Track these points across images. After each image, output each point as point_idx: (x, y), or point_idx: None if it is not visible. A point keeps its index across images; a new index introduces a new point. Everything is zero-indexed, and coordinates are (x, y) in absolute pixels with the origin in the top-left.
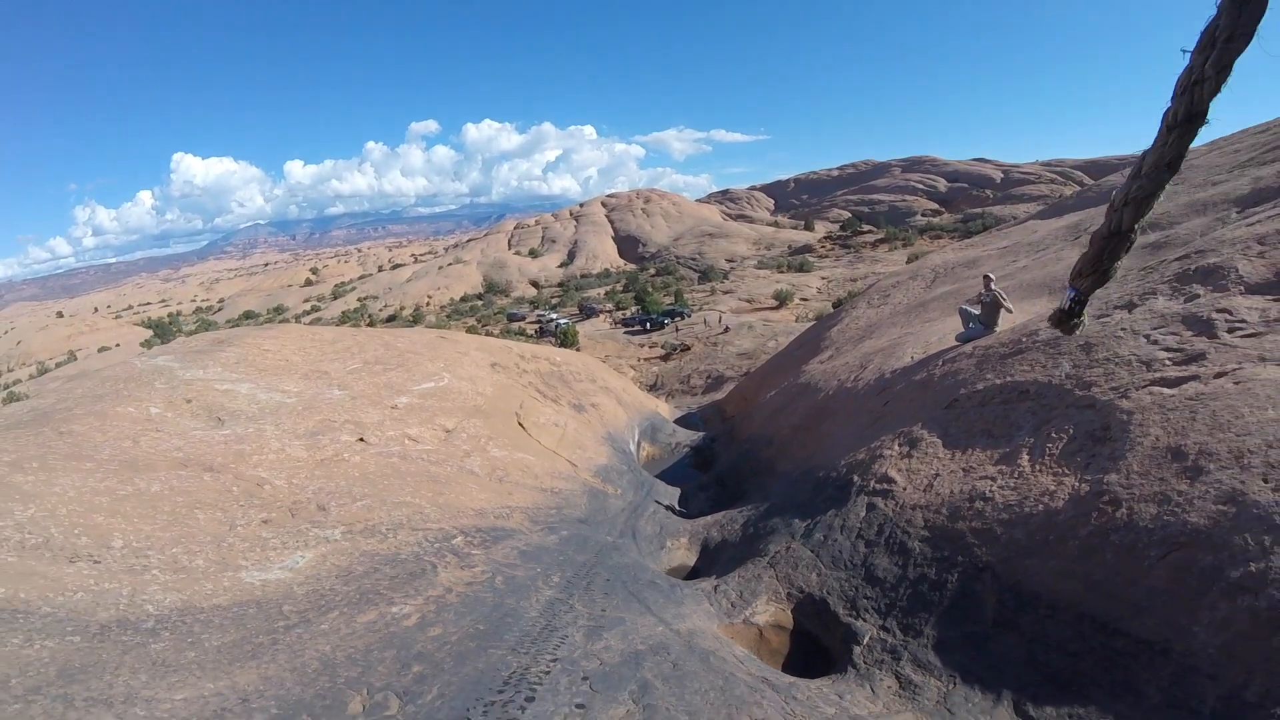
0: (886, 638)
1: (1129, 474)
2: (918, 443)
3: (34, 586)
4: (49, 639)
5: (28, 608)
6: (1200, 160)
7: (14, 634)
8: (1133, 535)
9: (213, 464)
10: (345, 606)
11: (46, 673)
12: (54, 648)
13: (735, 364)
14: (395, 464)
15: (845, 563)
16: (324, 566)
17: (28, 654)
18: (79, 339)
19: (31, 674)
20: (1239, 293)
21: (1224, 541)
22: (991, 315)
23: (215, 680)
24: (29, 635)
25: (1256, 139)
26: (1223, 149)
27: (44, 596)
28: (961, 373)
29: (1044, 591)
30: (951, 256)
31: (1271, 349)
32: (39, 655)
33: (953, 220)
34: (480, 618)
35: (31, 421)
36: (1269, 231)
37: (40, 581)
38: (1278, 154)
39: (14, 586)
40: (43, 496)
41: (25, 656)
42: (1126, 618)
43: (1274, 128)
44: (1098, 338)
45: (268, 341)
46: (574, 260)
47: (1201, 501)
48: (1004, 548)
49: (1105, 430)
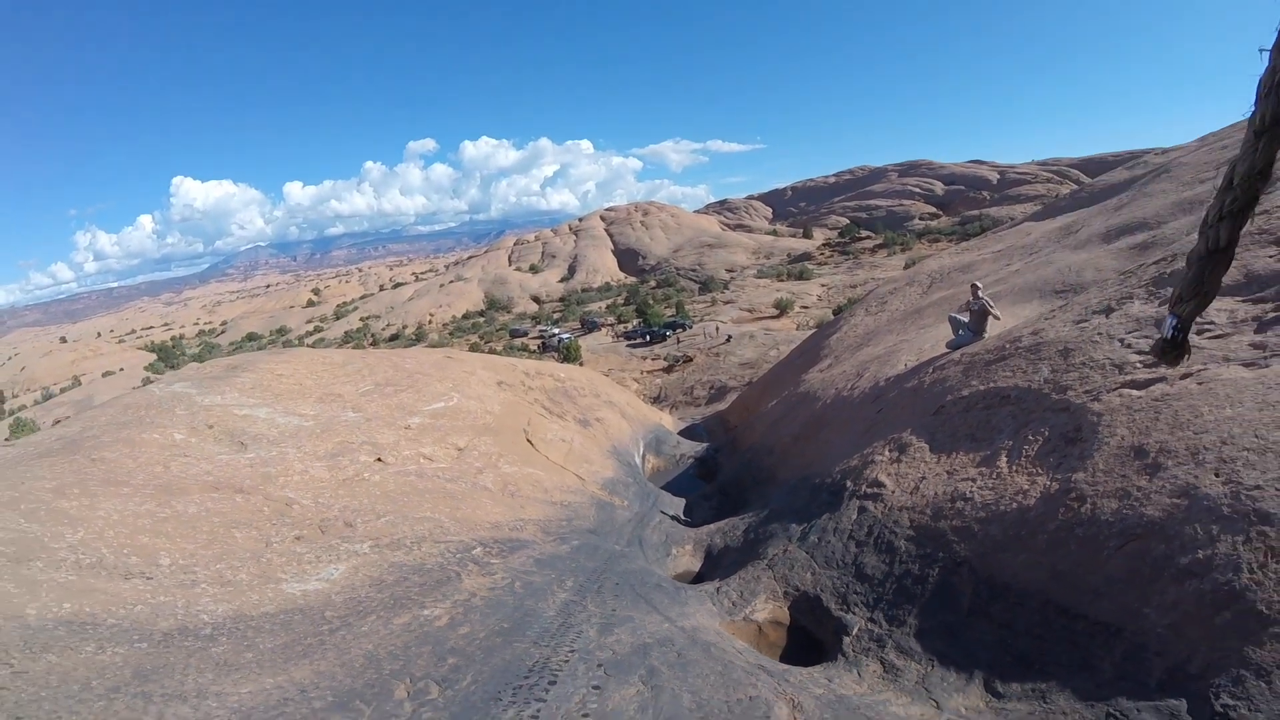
0: (873, 628)
1: (1095, 472)
2: (907, 448)
3: (96, 601)
4: (119, 646)
5: (94, 620)
6: (1189, 158)
7: (86, 643)
8: (1095, 528)
9: (242, 486)
10: (381, 611)
11: (123, 674)
12: (125, 653)
13: (738, 374)
14: (413, 482)
15: (837, 562)
16: (357, 577)
17: (102, 659)
18: (83, 364)
19: (109, 676)
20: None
21: (1176, 532)
22: (980, 322)
23: (274, 676)
24: (100, 643)
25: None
26: (1211, 145)
27: (107, 610)
28: (949, 380)
29: (1014, 582)
30: (947, 262)
31: (1235, 349)
32: (113, 660)
33: (950, 223)
34: (503, 617)
35: (62, 450)
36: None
37: (101, 597)
38: None
39: (78, 602)
40: (89, 520)
41: (100, 661)
42: (1086, 603)
43: None
44: (1076, 342)
45: (280, 366)
46: (574, 275)
47: (1158, 495)
48: (980, 544)
49: (1077, 431)
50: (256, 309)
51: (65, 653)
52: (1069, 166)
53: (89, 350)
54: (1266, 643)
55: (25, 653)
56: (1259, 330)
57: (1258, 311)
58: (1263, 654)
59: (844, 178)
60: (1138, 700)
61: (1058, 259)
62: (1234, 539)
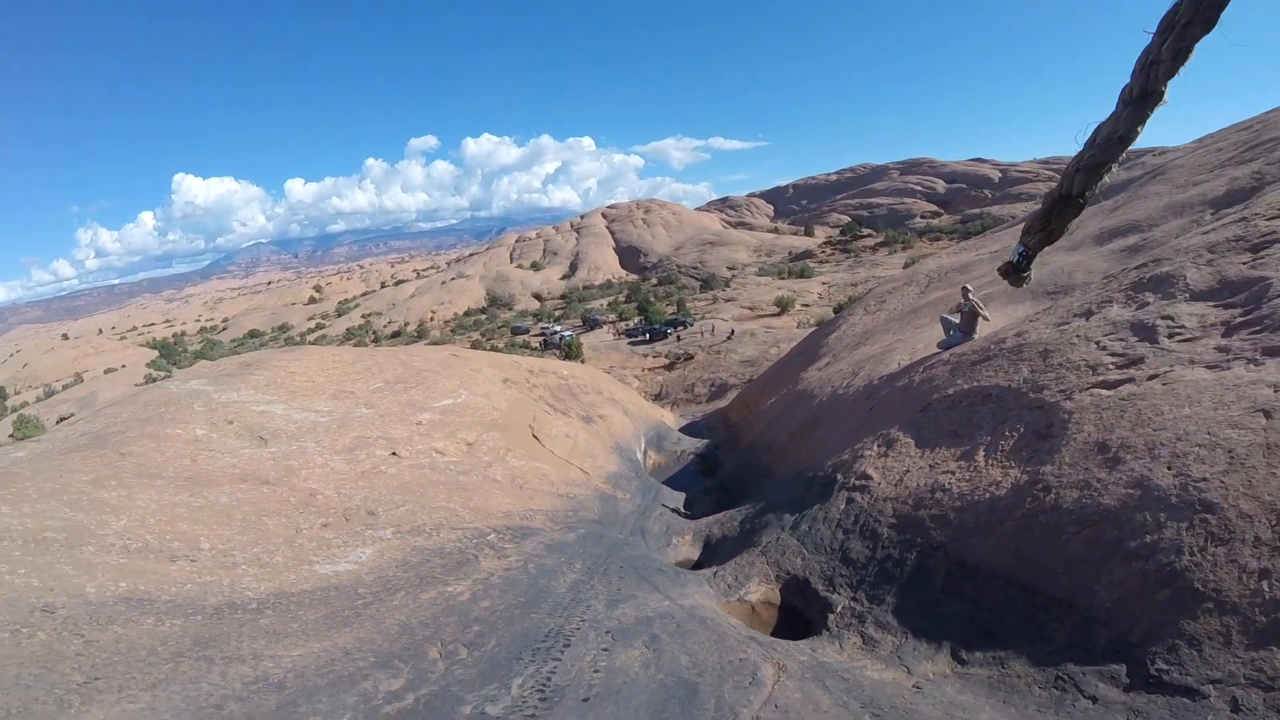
0: (855, 606)
1: (1061, 465)
2: (894, 443)
3: (148, 581)
4: (176, 619)
5: (149, 596)
6: (1184, 160)
7: (146, 616)
8: (1057, 516)
9: (268, 478)
10: (409, 588)
11: (184, 642)
12: (182, 625)
13: (738, 371)
14: (427, 474)
15: (825, 548)
16: (383, 559)
17: (163, 630)
18: (85, 361)
19: (172, 643)
20: (1184, 299)
21: (1128, 519)
22: (970, 323)
23: (319, 642)
24: (159, 616)
25: (1239, 137)
26: (1208, 147)
27: (159, 588)
28: (937, 378)
29: (983, 564)
30: (946, 261)
31: (1201, 352)
32: (172, 630)
33: (951, 221)
34: (520, 594)
35: (89, 445)
36: (1221, 240)
37: (152, 577)
38: (1255, 153)
39: (132, 581)
40: (129, 509)
41: (162, 632)
42: (1044, 581)
43: (1256, 125)
44: (1055, 344)
45: (293, 364)
46: (576, 272)
47: (1115, 486)
48: (955, 530)
49: (1049, 428)
50: (258, 306)
51: (128, 624)
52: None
53: (91, 347)
54: (1200, 616)
55: (92, 625)
56: (1225, 334)
57: (1226, 316)
58: (1196, 626)
59: (845, 175)
60: (1084, 665)
61: (1052, 260)
62: (1179, 525)
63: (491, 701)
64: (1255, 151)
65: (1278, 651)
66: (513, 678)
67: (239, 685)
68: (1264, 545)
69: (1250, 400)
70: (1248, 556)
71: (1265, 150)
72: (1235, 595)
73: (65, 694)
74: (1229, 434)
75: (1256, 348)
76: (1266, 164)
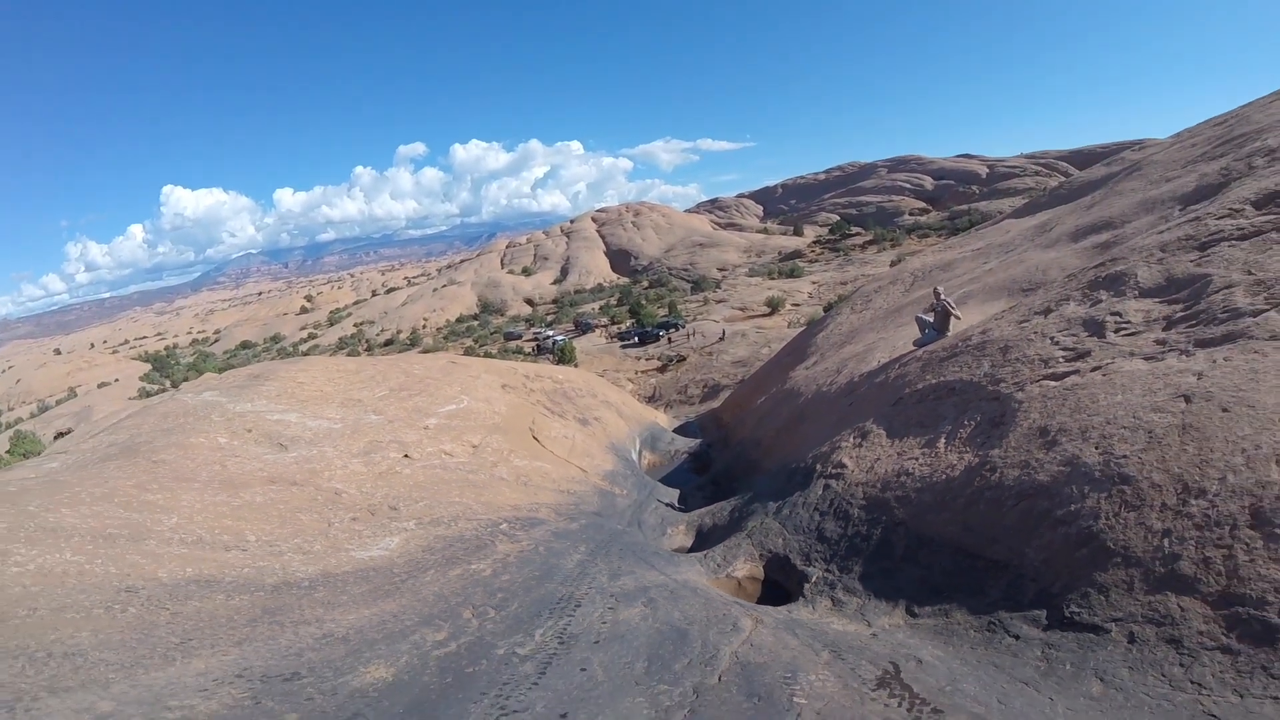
0: (828, 576)
1: (1007, 448)
2: (868, 435)
3: (210, 566)
4: (243, 595)
5: (215, 578)
6: (1160, 156)
7: (216, 593)
8: (999, 492)
9: (295, 479)
10: (437, 567)
11: (254, 611)
12: (249, 599)
13: (730, 372)
14: (439, 474)
15: (804, 529)
16: (410, 546)
17: (234, 603)
18: (78, 375)
19: (245, 613)
20: (1134, 296)
21: (1058, 492)
22: (943, 322)
23: (369, 609)
24: (228, 593)
25: (1213, 132)
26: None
27: (221, 572)
28: (909, 375)
29: (936, 536)
30: (930, 260)
31: (1142, 345)
32: (241, 604)
33: (939, 218)
34: (534, 570)
35: (120, 454)
36: (1172, 239)
37: (213, 563)
38: (1225, 149)
39: (197, 567)
40: (177, 509)
41: (233, 604)
42: (985, 547)
43: (1230, 119)
44: (1015, 340)
45: (300, 374)
46: (567, 276)
47: (1049, 465)
48: (914, 508)
49: (1001, 416)
50: (249, 317)
51: (203, 600)
52: (1057, 159)
53: (83, 361)
54: (1110, 569)
55: (173, 601)
56: (1166, 328)
57: (1169, 311)
58: (1106, 577)
59: (834, 174)
60: (1012, 613)
61: (1029, 258)
62: (1099, 495)
63: (519, 645)
64: (1226, 147)
65: (1171, 596)
66: (535, 629)
67: (310, 640)
68: (1169, 510)
69: (1175, 387)
70: (1154, 519)
71: (1235, 146)
72: (1140, 551)
73: (167, 651)
74: (1151, 417)
75: (1190, 340)
76: (1234, 160)
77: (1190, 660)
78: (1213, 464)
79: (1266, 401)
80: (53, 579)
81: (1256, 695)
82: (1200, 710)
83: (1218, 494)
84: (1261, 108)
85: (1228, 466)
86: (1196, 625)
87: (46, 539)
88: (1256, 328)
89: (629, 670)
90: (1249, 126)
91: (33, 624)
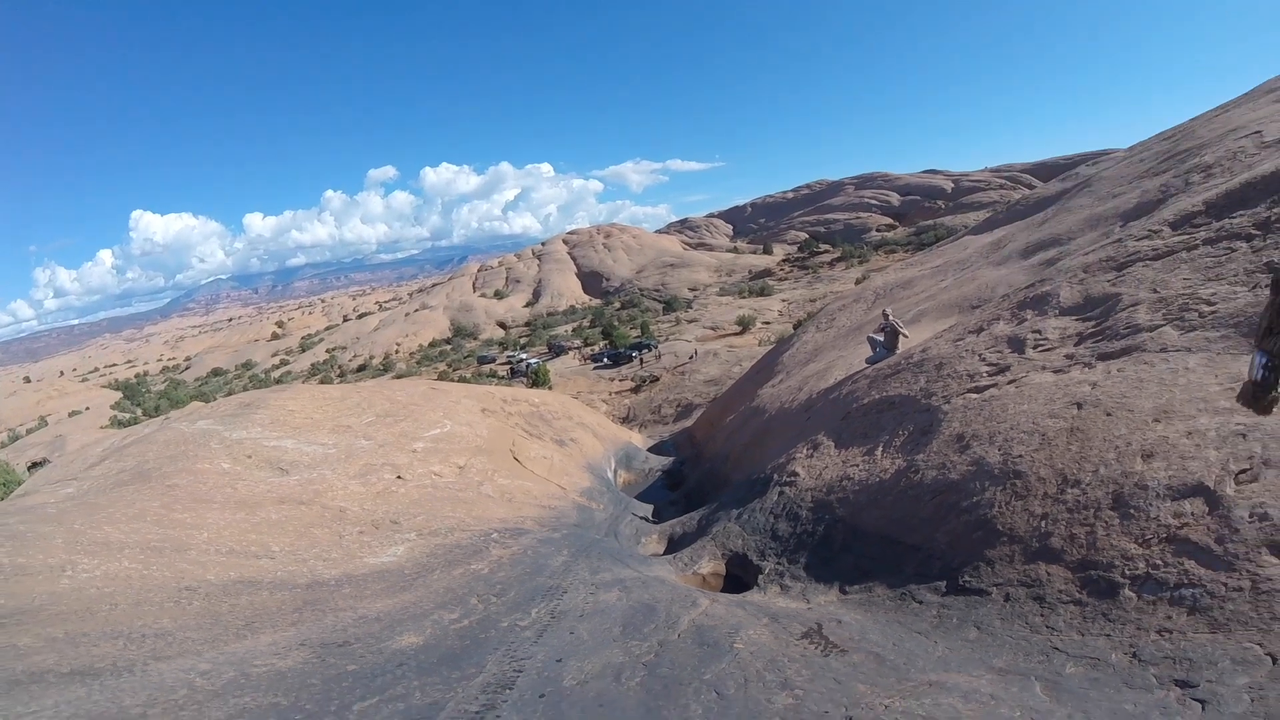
0: (779, 567)
1: (929, 453)
2: (819, 446)
3: (248, 570)
4: (283, 591)
5: (256, 579)
6: (1110, 171)
7: (260, 591)
8: (920, 489)
9: (302, 499)
10: (442, 568)
11: (297, 603)
12: (289, 595)
13: (703, 391)
14: (430, 492)
15: (760, 530)
16: (415, 553)
17: (278, 597)
18: (48, 404)
19: (289, 604)
20: (1055, 315)
21: (964, 487)
22: (892, 340)
23: (391, 599)
24: (270, 590)
25: (1160, 147)
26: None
27: (259, 575)
28: (858, 391)
29: (869, 528)
30: (892, 278)
31: (1053, 359)
32: (284, 598)
33: (906, 234)
34: (526, 568)
35: (134, 480)
36: (1094, 261)
37: (250, 568)
38: (1169, 164)
39: (238, 571)
40: (205, 526)
41: (278, 598)
42: (905, 535)
43: (1177, 134)
44: (948, 357)
45: (289, 402)
46: (539, 299)
47: (960, 465)
48: (852, 506)
49: (930, 426)
50: (220, 344)
51: (252, 595)
52: (1021, 171)
53: (53, 390)
54: (997, 546)
55: (227, 596)
56: (1077, 344)
57: (1082, 328)
58: (993, 553)
59: (802, 192)
60: (920, 585)
61: (981, 275)
62: (995, 489)
63: (520, 620)
64: (1169, 163)
65: (1041, 564)
66: (531, 608)
67: (349, 621)
68: (1049, 498)
69: (1071, 396)
70: (1035, 506)
71: (1177, 162)
72: (1022, 531)
73: (238, 630)
74: (1047, 422)
75: (1094, 354)
76: (1174, 176)
77: (1049, 611)
78: (1089, 459)
79: (1144, 406)
80: (120, 582)
81: (1094, 634)
82: (1049, 646)
83: (1089, 483)
84: (1206, 122)
85: (1101, 460)
86: (1058, 585)
87: (102, 551)
88: (1150, 341)
89: (608, 633)
90: (1192, 141)
91: (118, 615)
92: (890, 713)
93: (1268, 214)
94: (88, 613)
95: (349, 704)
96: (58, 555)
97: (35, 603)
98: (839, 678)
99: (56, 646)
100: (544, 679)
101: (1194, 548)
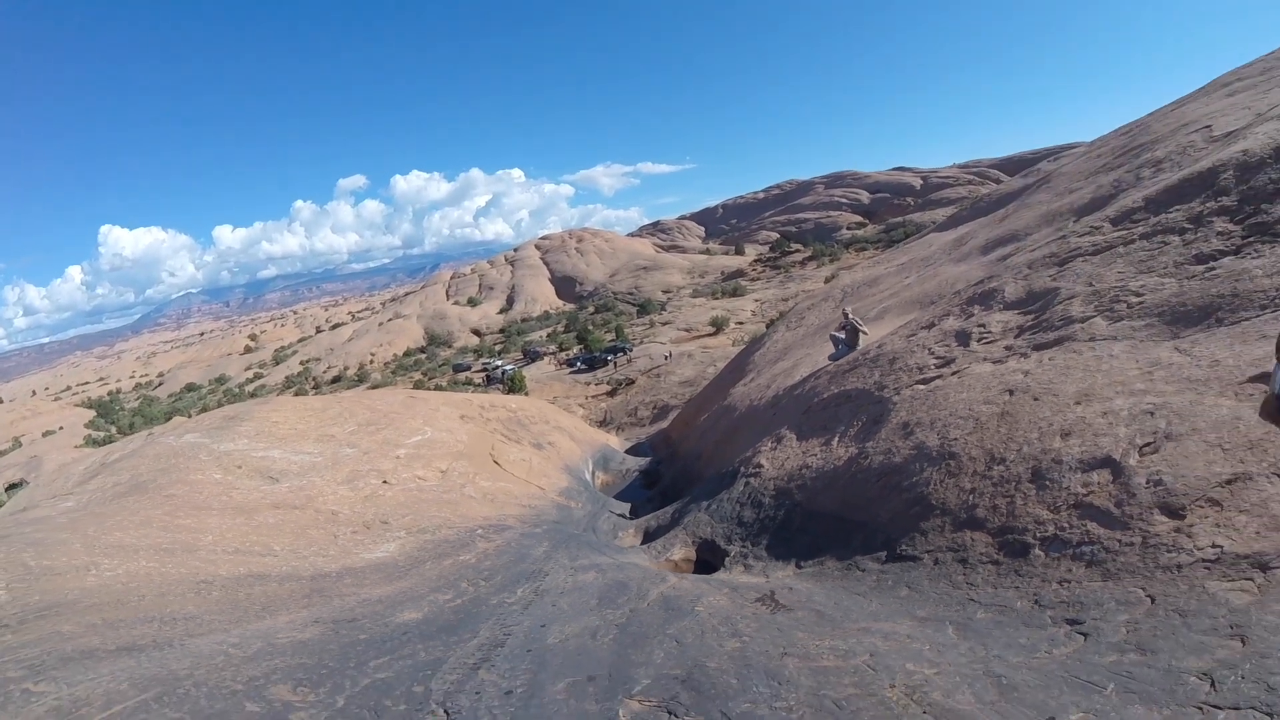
0: (743, 550)
1: (878, 440)
2: (782, 439)
3: (256, 566)
4: (290, 583)
5: (264, 574)
6: (1069, 167)
7: (269, 583)
8: (868, 473)
9: (295, 504)
10: (433, 559)
11: (305, 590)
12: (296, 585)
13: (678, 392)
14: (416, 495)
15: (727, 518)
16: (406, 548)
17: (287, 588)
18: (21, 425)
19: (299, 592)
20: (999, 309)
21: (905, 469)
22: (853, 338)
23: (389, 587)
24: (279, 582)
25: (1117, 142)
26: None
27: (266, 570)
28: (819, 386)
29: (823, 510)
30: (859, 276)
31: (994, 351)
32: (293, 588)
33: (876, 231)
34: (510, 557)
35: (131, 491)
36: (1039, 257)
37: (257, 564)
38: (1124, 159)
39: (247, 567)
40: (208, 530)
41: (287, 588)
42: (853, 514)
43: (1134, 129)
44: (901, 352)
45: (273, 414)
46: (513, 305)
47: (903, 449)
48: (809, 491)
49: (881, 416)
50: (193, 358)
51: (263, 587)
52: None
53: (26, 410)
54: (930, 519)
55: (241, 587)
56: (1017, 335)
57: (1022, 321)
58: (927, 524)
59: (773, 192)
60: (864, 555)
61: (943, 272)
62: (932, 469)
63: (507, 597)
64: (1124, 158)
65: (967, 532)
66: (516, 589)
67: (354, 603)
68: (978, 475)
69: (1005, 384)
70: (965, 482)
71: (1131, 156)
72: (953, 505)
73: (258, 613)
74: (981, 408)
75: (1031, 344)
76: (1128, 171)
77: (970, 571)
78: (1015, 440)
79: (1068, 390)
80: (141, 578)
81: (1005, 587)
82: (966, 599)
83: (1013, 461)
84: (1162, 117)
85: (1024, 440)
86: (980, 549)
87: (119, 553)
88: (1081, 331)
89: (586, 605)
90: (1148, 136)
91: (147, 604)
92: (819, 649)
93: (1200, 208)
94: (119, 603)
95: (365, 661)
96: (79, 558)
97: (69, 597)
98: (782, 628)
99: (98, 630)
100: (530, 639)
101: (1096, 511)
